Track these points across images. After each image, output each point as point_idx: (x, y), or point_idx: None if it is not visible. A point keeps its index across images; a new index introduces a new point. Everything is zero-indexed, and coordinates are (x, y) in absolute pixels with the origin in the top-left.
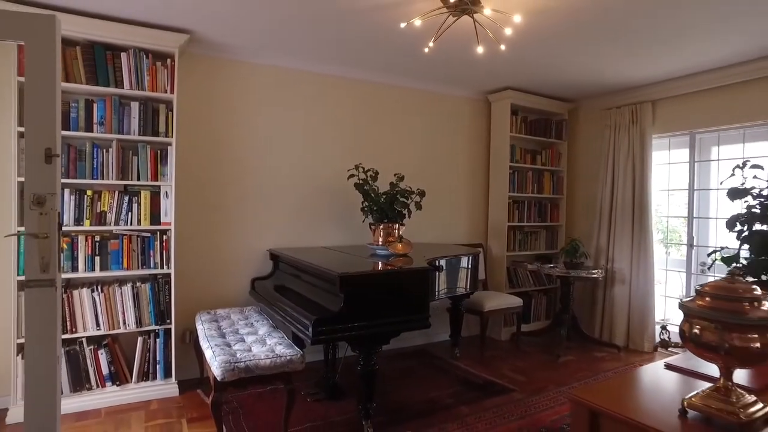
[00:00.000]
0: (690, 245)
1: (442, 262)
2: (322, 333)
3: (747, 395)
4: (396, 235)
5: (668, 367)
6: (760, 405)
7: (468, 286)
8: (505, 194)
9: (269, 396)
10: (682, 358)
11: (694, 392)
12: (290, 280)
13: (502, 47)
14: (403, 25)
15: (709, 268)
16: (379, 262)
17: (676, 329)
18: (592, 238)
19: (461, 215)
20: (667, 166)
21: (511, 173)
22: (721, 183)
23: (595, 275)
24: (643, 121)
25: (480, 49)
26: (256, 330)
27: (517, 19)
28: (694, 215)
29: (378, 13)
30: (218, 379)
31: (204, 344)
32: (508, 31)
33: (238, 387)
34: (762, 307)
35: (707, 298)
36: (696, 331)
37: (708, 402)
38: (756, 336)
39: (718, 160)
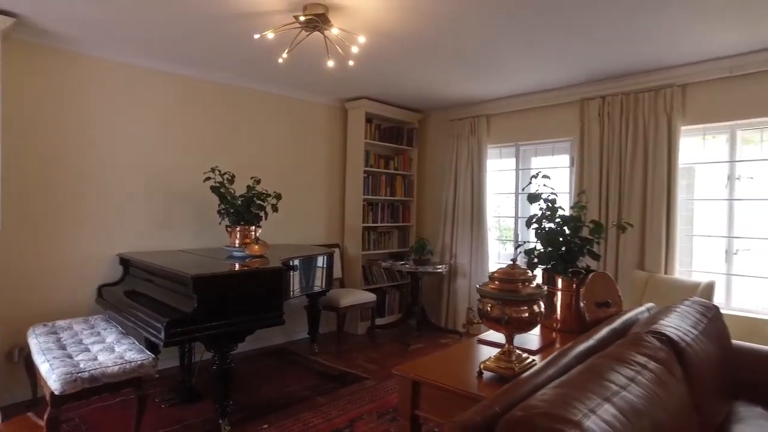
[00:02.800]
0: (516, 241)
1: (297, 262)
2: (176, 335)
3: (524, 355)
4: (252, 237)
5: (480, 341)
6: (530, 360)
7: (324, 284)
8: (360, 197)
9: (118, 407)
10: (492, 333)
11: (488, 357)
12: (142, 285)
13: (351, 63)
14: (256, 36)
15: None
16: (236, 264)
17: None
18: (438, 236)
19: (319, 217)
20: (500, 172)
21: (365, 177)
22: (522, 189)
23: (440, 270)
24: (480, 132)
25: (331, 63)
26: (103, 338)
27: (362, 39)
28: (519, 215)
29: (236, 21)
30: (56, 393)
31: (39, 359)
32: (354, 49)
33: (81, 400)
34: (530, 286)
35: (496, 282)
36: (488, 308)
37: (497, 363)
38: (526, 308)
39: (535, 168)
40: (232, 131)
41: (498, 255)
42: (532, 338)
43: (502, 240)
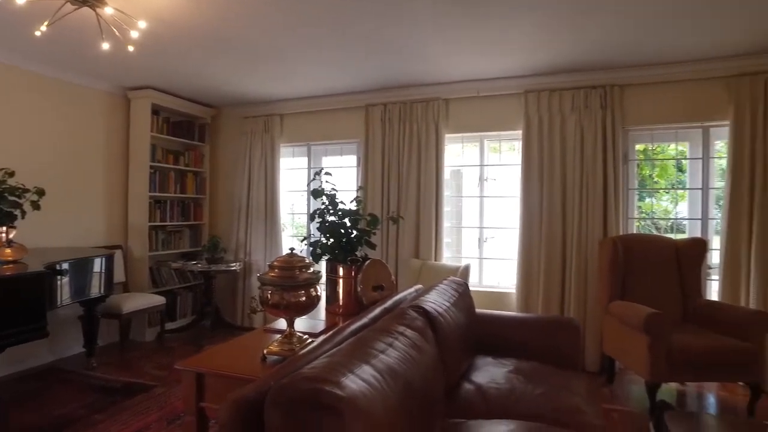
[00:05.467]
0: (309, 237)
1: (66, 266)
2: None
3: (305, 336)
4: (4, 239)
5: (266, 330)
6: (309, 341)
7: (103, 289)
8: (146, 194)
9: None
10: (280, 322)
11: (272, 342)
12: None
13: (131, 48)
14: None
15: (292, 249)
16: None
17: None
18: (232, 234)
19: (98, 216)
20: (293, 171)
21: (152, 173)
22: (308, 185)
23: (234, 268)
24: (273, 131)
25: (106, 46)
26: None
27: (142, 24)
28: (311, 212)
29: None
30: None
31: None
32: (134, 34)
33: None
34: (307, 272)
35: (276, 270)
36: (268, 295)
37: (279, 347)
38: (303, 293)
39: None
40: None
41: (298, 252)
42: (318, 323)
43: (298, 237)
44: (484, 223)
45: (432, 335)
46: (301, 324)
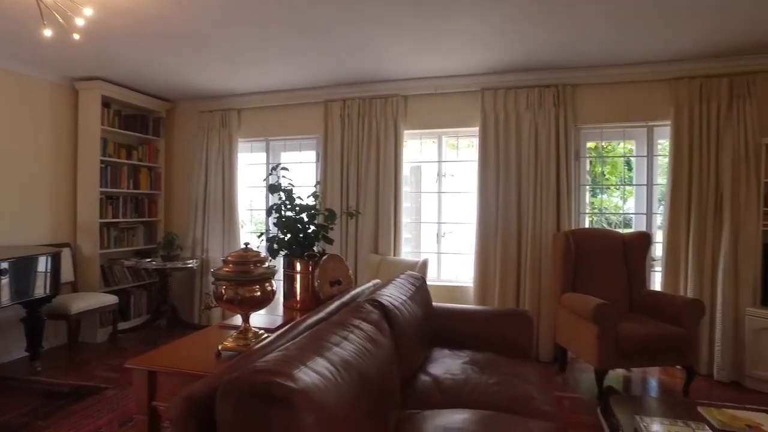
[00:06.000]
0: (267, 233)
1: (5, 265)
2: None
3: (260, 332)
4: None
5: (221, 326)
6: (265, 335)
7: (48, 289)
8: (96, 189)
9: None
10: (238, 318)
11: (227, 338)
12: None
13: (76, 37)
14: None
15: (247, 244)
16: None
17: None
18: (189, 231)
19: (44, 213)
20: (252, 166)
21: (103, 168)
22: (263, 180)
23: (190, 265)
24: (231, 126)
25: (48, 32)
26: None
27: (88, 12)
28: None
29: None
30: None
31: None
32: (80, 21)
33: None
34: (262, 267)
35: (230, 265)
36: (222, 290)
37: (234, 342)
38: (258, 287)
39: (284, 162)
40: None
41: (254, 248)
42: (275, 318)
43: (257, 233)
44: (442, 219)
45: (388, 328)
46: (258, 320)
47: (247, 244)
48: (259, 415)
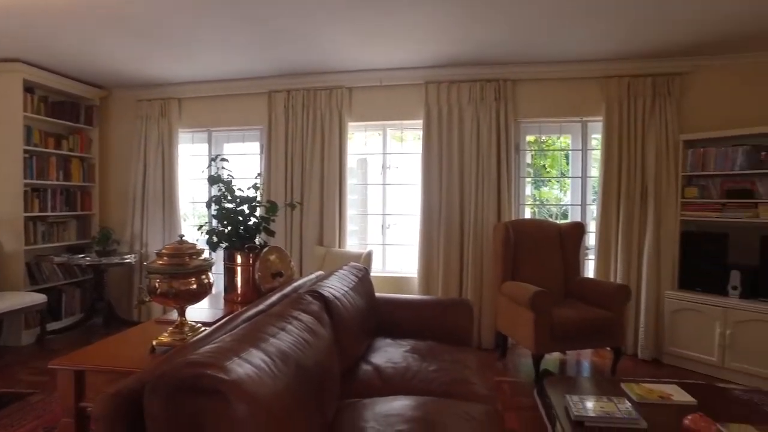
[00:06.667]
0: (210, 225)
1: None
2: None
3: (198, 325)
4: None
5: (157, 321)
6: (202, 329)
7: None
8: (19, 181)
9: None
10: (174, 313)
11: (163, 333)
12: None
13: None
14: None
15: (181, 236)
16: None
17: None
18: (127, 225)
19: None
20: (194, 158)
21: (27, 158)
22: (202, 171)
23: (128, 260)
24: (171, 116)
25: None
26: None
27: None
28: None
29: None
30: None
31: None
32: None
33: None
34: (198, 259)
35: (165, 258)
36: (156, 284)
37: (170, 337)
38: (194, 280)
39: (227, 154)
40: None
41: (197, 242)
42: (216, 312)
43: (200, 226)
44: (387, 210)
45: (328, 319)
46: (198, 314)
47: (181, 236)
48: (189, 409)
